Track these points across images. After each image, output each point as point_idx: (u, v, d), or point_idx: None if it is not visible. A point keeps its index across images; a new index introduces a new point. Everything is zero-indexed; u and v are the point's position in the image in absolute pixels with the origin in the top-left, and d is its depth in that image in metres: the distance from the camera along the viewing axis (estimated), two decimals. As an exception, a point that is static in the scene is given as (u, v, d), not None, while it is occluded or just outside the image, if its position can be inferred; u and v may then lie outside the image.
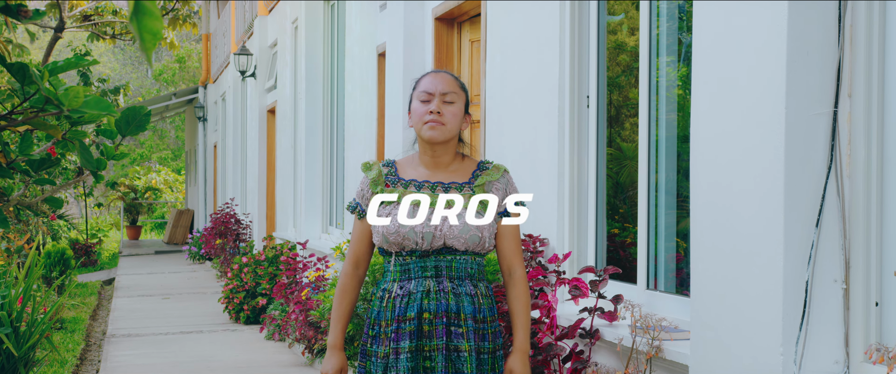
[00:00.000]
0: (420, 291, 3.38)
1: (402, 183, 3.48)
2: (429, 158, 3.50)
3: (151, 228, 33.76)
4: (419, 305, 3.37)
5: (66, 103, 1.91)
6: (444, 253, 3.40)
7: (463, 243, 3.39)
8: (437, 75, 3.51)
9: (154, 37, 1.16)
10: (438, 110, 3.41)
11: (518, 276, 3.49)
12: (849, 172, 3.33)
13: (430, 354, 3.37)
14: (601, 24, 5.26)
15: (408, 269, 3.42)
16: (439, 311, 3.37)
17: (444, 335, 3.36)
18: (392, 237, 3.39)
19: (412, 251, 3.40)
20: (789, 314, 3.30)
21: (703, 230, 3.74)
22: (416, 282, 3.40)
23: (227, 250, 15.31)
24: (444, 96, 3.44)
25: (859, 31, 3.30)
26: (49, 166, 2.84)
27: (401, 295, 3.41)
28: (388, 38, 7.97)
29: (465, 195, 3.44)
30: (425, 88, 3.47)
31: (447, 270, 3.40)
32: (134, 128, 3.02)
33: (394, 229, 3.38)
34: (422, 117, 3.43)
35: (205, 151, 24.30)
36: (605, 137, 5.29)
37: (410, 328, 3.37)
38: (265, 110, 15.23)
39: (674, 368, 4.11)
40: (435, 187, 3.45)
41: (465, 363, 3.36)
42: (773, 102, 3.33)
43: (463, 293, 3.40)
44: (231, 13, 18.56)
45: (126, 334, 10.18)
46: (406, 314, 3.38)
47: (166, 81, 35.82)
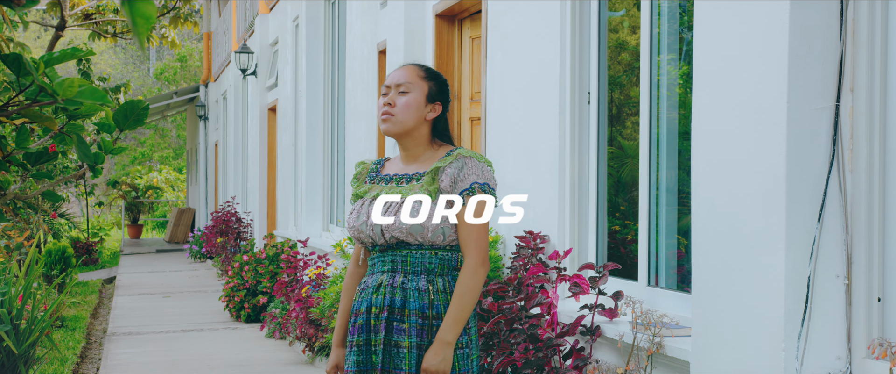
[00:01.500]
0: (373, 285, 3.37)
1: (378, 179, 3.48)
2: (401, 152, 3.48)
3: (153, 226, 33.75)
4: (369, 299, 3.36)
5: (61, 93, 1.89)
6: (400, 247, 3.34)
7: (408, 236, 3.29)
8: (399, 68, 3.48)
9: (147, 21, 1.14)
10: (390, 102, 3.37)
11: (465, 264, 3.29)
12: (851, 167, 3.31)
13: (375, 348, 3.33)
14: (602, 21, 5.24)
15: (373, 263, 3.43)
16: (383, 305, 3.32)
17: (385, 330, 3.30)
18: (352, 233, 3.42)
19: (374, 246, 3.39)
20: (791, 309, 3.28)
21: (705, 226, 3.72)
22: (374, 277, 3.39)
23: (228, 248, 15.29)
24: (399, 87, 3.39)
25: (861, 26, 3.28)
26: (47, 160, 2.82)
27: (362, 290, 3.43)
28: (389, 36, 7.96)
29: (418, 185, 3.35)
30: (385, 82, 3.45)
31: (402, 264, 3.35)
32: (132, 122, 3.00)
33: (351, 225, 3.42)
34: (379, 111, 3.43)
35: (206, 150, 24.29)
36: (606, 134, 5.27)
37: (361, 322, 3.36)
38: (266, 109, 15.22)
39: (675, 364, 4.09)
40: (401, 180, 3.41)
41: (404, 360, 3.27)
42: (775, 97, 3.31)
43: (411, 288, 3.30)
44: (232, 12, 18.55)
45: (127, 332, 10.16)
46: (360, 308, 3.38)
47: (167, 79, 35.81)
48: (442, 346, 3.24)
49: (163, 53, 39.74)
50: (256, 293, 10.86)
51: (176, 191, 33.90)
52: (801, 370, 3.27)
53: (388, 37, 8.04)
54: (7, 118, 2.43)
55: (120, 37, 17.67)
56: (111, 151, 3.01)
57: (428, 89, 3.41)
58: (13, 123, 2.45)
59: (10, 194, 2.50)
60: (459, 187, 3.30)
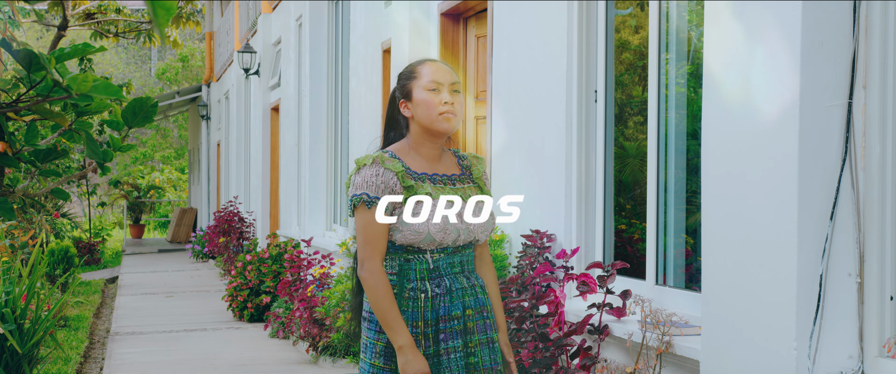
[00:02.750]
0: (458, 288, 3.34)
1: (423, 178, 3.36)
2: (428, 150, 3.41)
3: (155, 226, 33.73)
4: (462, 302, 3.34)
5: (75, 88, 1.87)
6: (466, 248, 3.39)
7: (486, 236, 3.42)
8: (440, 65, 3.44)
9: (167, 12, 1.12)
10: (451, 101, 3.36)
11: (487, 259, 3.54)
12: (863, 165, 3.29)
13: (473, 349, 3.34)
14: (610, 19, 5.22)
15: (437, 266, 3.33)
16: (477, 306, 3.37)
17: (485, 329, 3.37)
18: (438, 236, 3.27)
19: (443, 249, 3.33)
20: (803, 308, 3.26)
21: (715, 224, 3.70)
22: (451, 279, 3.34)
23: (231, 248, 15.28)
24: (453, 86, 3.39)
25: (874, 23, 3.26)
26: (54, 158, 2.80)
27: (440, 294, 3.31)
28: (393, 35, 7.94)
29: (474, 188, 3.44)
30: (433, 77, 3.37)
31: (467, 264, 3.41)
32: (141, 119, 2.98)
33: (441, 227, 3.27)
34: (434, 108, 3.34)
35: (208, 150, 24.27)
36: (613, 132, 5.25)
37: (459, 326, 3.32)
38: (269, 108, 15.20)
39: (684, 363, 4.07)
40: (445, 181, 3.40)
41: (498, 354, 3.39)
42: (787, 94, 3.29)
43: (478, 285, 3.42)
44: (234, 11, 18.53)
45: (130, 331, 10.15)
46: (451, 312, 3.31)
47: (169, 79, 35.80)
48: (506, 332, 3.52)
49: (165, 53, 39.73)
50: (260, 293, 10.84)
51: (178, 191, 33.89)
52: (813, 369, 3.25)
53: (392, 36, 8.02)
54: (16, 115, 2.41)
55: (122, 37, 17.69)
56: (120, 148, 2.99)
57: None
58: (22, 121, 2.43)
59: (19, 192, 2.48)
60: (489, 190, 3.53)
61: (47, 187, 2.65)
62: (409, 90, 3.40)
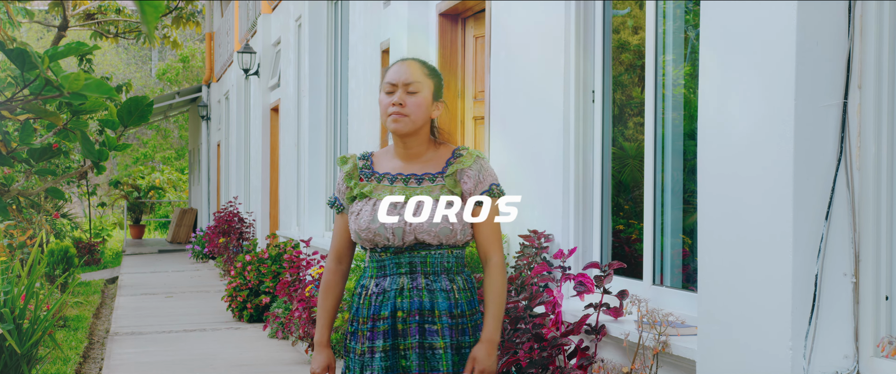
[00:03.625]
0: (394, 288, 3.33)
1: (376, 177, 3.42)
2: (401, 150, 3.44)
3: (155, 227, 33.75)
4: (393, 303, 3.32)
5: (67, 86, 1.88)
6: (418, 249, 3.34)
7: (435, 237, 3.32)
8: (402, 64, 3.43)
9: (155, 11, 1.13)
10: (400, 102, 3.35)
11: (493, 263, 3.39)
12: (859, 165, 3.29)
13: (405, 353, 3.32)
14: (607, 20, 5.22)
15: (383, 265, 3.36)
16: (412, 309, 3.31)
17: (418, 333, 3.31)
18: (364, 234, 3.34)
19: (386, 248, 3.34)
20: (798, 307, 3.26)
21: (711, 223, 3.70)
22: (391, 279, 3.34)
23: (231, 248, 15.29)
24: (408, 86, 3.37)
25: (869, 22, 3.27)
26: (50, 157, 2.80)
27: (376, 293, 3.35)
28: (392, 35, 7.94)
29: (438, 186, 3.37)
30: (389, 78, 3.40)
31: (422, 266, 3.34)
32: (136, 118, 2.99)
33: (365, 226, 3.33)
34: (386, 109, 3.38)
35: (208, 150, 24.28)
36: (611, 133, 5.26)
37: (384, 326, 3.32)
38: (268, 109, 15.21)
39: (681, 363, 4.07)
40: (408, 180, 3.39)
41: (440, 361, 3.30)
42: (783, 94, 3.29)
43: (437, 289, 3.33)
44: (234, 11, 18.54)
45: (129, 332, 10.15)
46: (380, 312, 3.33)
47: (170, 80, 35.81)
48: (493, 346, 3.33)
49: (165, 54, 39.74)
50: (259, 293, 10.85)
51: (178, 191, 33.89)
52: (809, 369, 3.25)
53: (391, 36, 8.02)
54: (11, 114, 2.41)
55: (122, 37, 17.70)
56: (115, 147, 3.00)
57: (433, 87, 3.44)
58: (17, 119, 2.43)
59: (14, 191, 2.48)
60: (480, 189, 3.40)
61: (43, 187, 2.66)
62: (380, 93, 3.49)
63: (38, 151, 2.77)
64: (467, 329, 3.36)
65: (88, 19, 17.18)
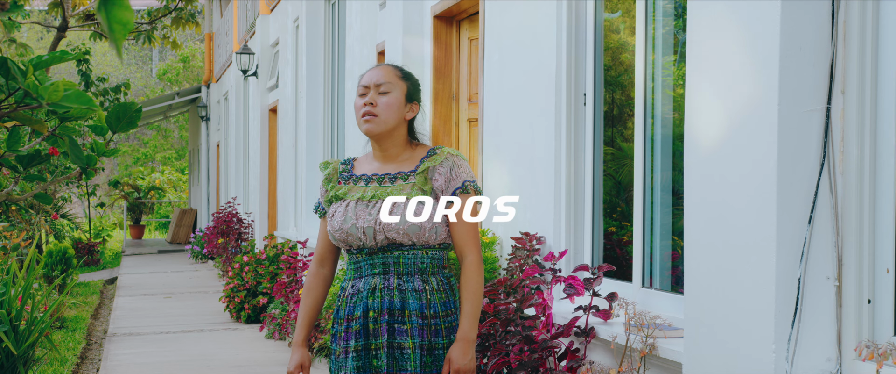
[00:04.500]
0: (366, 289, 3.35)
1: (353, 179, 3.47)
2: (378, 152, 3.48)
3: (155, 227, 33.78)
4: (365, 303, 3.34)
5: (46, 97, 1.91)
6: (391, 249, 3.35)
7: (405, 237, 3.32)
8: (375, 68, 3.48)
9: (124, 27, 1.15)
10: (372, 102, 3.38)
11: (468, 262, 3.36)
12: (842, 169, 3.32)
13: (376, 352, 3.34)
14: (598, 22, 5.25)
15: (359, 266, 3.40)
16: (383, 308, 3.33)
17: (387, 332, 3.32)
18: (337, 235, 3.38)
19: (360, 249, 3.37)
20: (781, 311, 3.29)
21: (697, 227, 3.73)
22: (365, 280, 3.37)
23: (230, 249, 15.32)
24: (379, 87, 3.40)
25: (852, 28, 3.29)
26: (39, 162, 2.83)
27: (351, 294, 3.39)
28: (388, 37, 7.97)
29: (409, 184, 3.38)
30: (362, 82, 3.45)
31: (395, 266, 3.35)
32: (125, 124, 3.02)
33: (338, 227, 3.37)
34: (358, 111, 3.42)
35: (208, 151, 24.31)
36: (602, 135, 5.28)
37: (357, 327, 3.35)
38: (267, 109, 15.23)
39: (668, 365, 4.10)
40: (382, 179, 3.41)
41: (408, 361, 3.31)
42: (766, 99, 3.32)
43: (409, 289, 3.34)
44: (233, 12, 18.57)
45: (127, 333, 10.18)
46: (354, 313, 3.36)
47: (170, 80, 35.85)
48: (468, 344, 3.32)
49: (166, 54, 39.78)
50: (257, 294, 10.87)
51: (178, 192, 33.92)
52: (791, 372, 3.28)
53: (386, 38, 8.05)
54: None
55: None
56: (104, 153, 3.02)
57: (406, 89, 3.46)
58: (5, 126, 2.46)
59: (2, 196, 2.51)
60: (453, 186, 3.39)
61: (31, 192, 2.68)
62: None
63: (27, 157, 2.79)
64: (441, 330, 3.36)
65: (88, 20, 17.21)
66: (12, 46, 16.92)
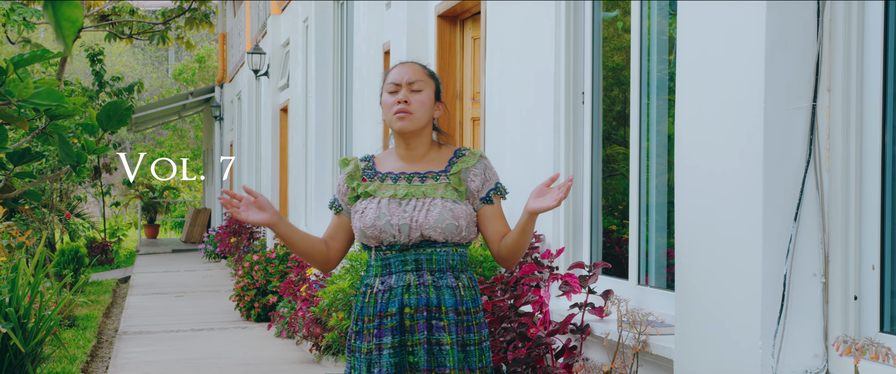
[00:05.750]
0: (400, 285, 3.35)
1: (379, 177, 3.45)
2: (404, 150, 3.48)
3: (170, 227, 33.92)
4: (400, 300, 3.34)
5: (16, 94, 1.94)
6: (424, 246, 3.36)
7: (441, 234, 3.35)
8: (403, 65, 3.49)
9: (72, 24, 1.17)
10: (406, 100, 3.40)
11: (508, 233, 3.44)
12: (828, 166, 3.33)
13: (413, 349, 3.34)
14: (596, 22, 5.27)
15: (388, 263, 3.38)
16: (420, 305, 3.34)
17: (426, 329, 3.33)
18: (369, 232, 3.36)
19: (391, 245, 3.37)
20: (768, 307, 3.31)
21: (686, 224, 3.75)
22: (397, 276, 3.37)
23: (241, 248, 15.38)
24: (411, 85, 3.42)
25: (838, 26, 3.31)
26: (29, 160, 2.87)
27: (382, 290, 3.37)
28: (393, 36, 8.00)
29: (442, 184, 3.41)
30: (392, 79, 3.45)
31: (427, 262, 3.37)
32: (115, 122, 3.05)
33: (370, 223, 3.35)
34: (390, 108, 3.42)
35: (221, 150, 24.41)
36: (601, 133, 5.30)
37: (392, 323, 3.34)
38: (278, 109, 15.29)
39: (659, 362, 4.12)
40: (411, 178, 3.42)
41: (447, 357, 3.33)
42: (752, 97, 3.34)
43: (444, 286, 3.36)
44: (246, 12, 18.64)
45: (138, 331, 10.25)
46: (387, 309, 3.35)
47: (186, 80, 35.98)
48: None
49: (181, 54, 39.92)
50: (266, 293, 10.92)
51: (193, 191, 34.05)
52: (777, 368, 3.29)
53: (391, 38, 8.08)
54: (-15, 119, 2.48)
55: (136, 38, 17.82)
56: (95, 151, 3.06)
57: (434, 88, 3.50)
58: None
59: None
60: (487, 188, 3.45)
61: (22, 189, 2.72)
62: (380, 95, 3.51)
63: (18, 154, 2.83)
64: (472, 327, 3.40)
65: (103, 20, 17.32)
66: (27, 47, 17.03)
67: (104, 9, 17.20)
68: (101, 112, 2.95)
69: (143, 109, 22.70)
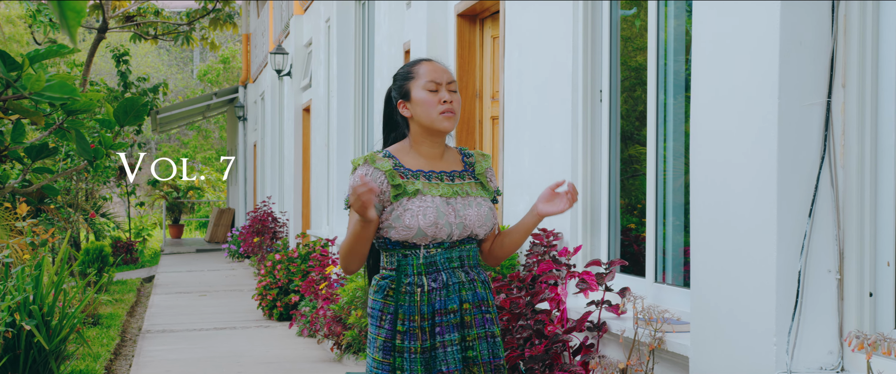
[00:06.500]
0: (455, 282, 3.38)
1: (412, 174, 3.41)
2: (428, 149, 3.47)
3: (195, 227, 34.08)
4: (459, 296, 3.38)
5: (28, 87, 1.97)
6: (466, 243, 3.42)
7: (484, 231, 3.43)
8: (436, 65, 3.49)
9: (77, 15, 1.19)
10: (450, 100, 3.42)
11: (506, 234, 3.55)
12: (843, 163, 3.32)
13: (472, 343, 3.37)
14: (614, 20, 5.27)
15: (433, 261, 3.37)
16: (476, 300, 3.40)
17: (484, 323, 3.40)
18: (430, 230, 3.33)
19: (440, 243, 3.38)
20: (782, 304, 3.30)
21: (702, 221, 3.75)
22: (448, 274, 3.38)
23: (264, 248, 15.45)
24: (449, 85, 3.45)
25: (853, 21, 3.30)
26: (47, 155, 2.90)
27: (437, 288, 3.36)
28: (413, 36, 8.03)
29: (471, 184, 3.46)
30: (431, 77, 3.43)
31: (467, 259, 3.43)
32: (132, 118, 3.08)
33: (432, 222, 3.32)
34: (434, 107, 3.39)
35: (245, 151, 24.50)
36: (618, 132, 5.30)
37: (455, 320, 3.36)
38: (301, 109, 15.35)
39: (675, 359, 4.11)
40: (443, 177, 3.44)
41: (499, 348, 3.43)
42: (766, 93, 3.33)
43: (485, 280, 3.46)
44: (269, 13, 18.72)
45: (161, 330, 10.31)
46: (447, 306, 3.35)
47: (211, 81, 36.13)
48: None
49: (206, 55, 40.10)
50: (288, 292, 10.96)
51: (217, 191, 34.20)
52: (792, 364, 3.29)
53: (411, 37, 8.10)
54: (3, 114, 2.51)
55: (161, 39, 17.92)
56: (111, 146, 3.09)
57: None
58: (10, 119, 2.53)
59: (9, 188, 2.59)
60: (494, 188, 3.56)
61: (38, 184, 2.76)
62: (407, 91, 3.46)
63: (36, 148, 2.87)
64: (496, 320, 3.49)
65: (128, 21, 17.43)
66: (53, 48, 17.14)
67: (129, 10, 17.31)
68: (118, 108, 2.98)
69: (167, 110, 22.81)
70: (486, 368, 3.38)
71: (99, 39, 15.98)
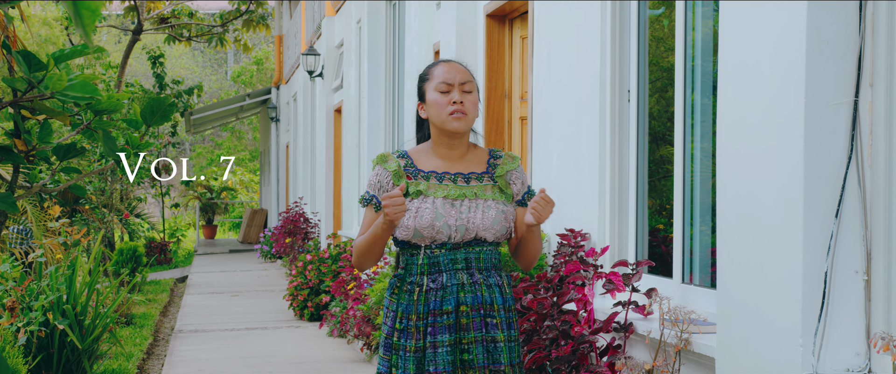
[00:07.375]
0: (454, 284, 3.37)
1: (423, 175, 3.44)
2: (445, 150, 3.48)
3: (228, 227, 34.27)
4: (456, 298, 3.37)
5: (50, 87, 1.99)
6: (474, 245, 3.39)
7: (494, 235, 3.39)
8: (452, 65, 3.49)
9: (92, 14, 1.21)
10: (461, 100, 3.41)
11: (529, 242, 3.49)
12: (870, 163, 3.30)
13: (468, 346, 3.36)
14: (642, 19, 5.25)
15: (437, 262, 3.39)
16: (475, 303, 3.37)
17: (482, 327, 3.37)
18: (426, 232, 3.36)
19: (442, 244, 3.38)
20: (808, 305, 3.28)
21: (728, 222, 3.73)
22: (449, 275, 3.38)
23: (296, 248, 15.51)
24: (463, 86, 3.43)
25: (881, 20, 3.27)
26: (74, 155, 2.93)
27: (434, 289, 3.38)
28: (442, 36, 8.03)
29: (488, 186, 3.44)
30: (443, 78, 3.44)
31: (476, 261, 3.40)
32: (159, 118, 3.11)
33: (428, 224, 3.34)
34: (444, 108, 3.41)
35: (277, 152, 24.60)
36: (647, 132, 5.28)
37: (448, 321, 3.36)
38: (332, 110, 15.40)
39: (702, 360, 4.09)
40: (456, 179, 3.43)
41: (502, 354, 3.37)
42: (793, 93, 3.31)
43: (493, 284, 3.41)
44: (302, 14, 18.79)
45: (193, 329, 10.37)
46: (442, 307, 3.36)
47: (244, 82, 36.33)
48: None
49: (240, 57, 40.32)
50: (319, 292, 11.00)
51: (250, 192, 34.38)
52: (818, 366, 3.26)
53: (441, 38, 8.11)
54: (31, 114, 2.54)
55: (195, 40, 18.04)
56: (138, 146, 3.12)
57: (477, 89, 3.51)
58: (37, 119, 2.56)
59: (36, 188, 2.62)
60: (523, 191, 3.52)
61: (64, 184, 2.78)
62: (423, 92, 3.50)
63: (63, 148, 2.90)
64: (513, 324, 3.45)
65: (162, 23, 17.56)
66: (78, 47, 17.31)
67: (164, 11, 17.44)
68: (145, 108, 3.00)
69: (201, 111, 22.96)
70: (482, 372, 3.35)
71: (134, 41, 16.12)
